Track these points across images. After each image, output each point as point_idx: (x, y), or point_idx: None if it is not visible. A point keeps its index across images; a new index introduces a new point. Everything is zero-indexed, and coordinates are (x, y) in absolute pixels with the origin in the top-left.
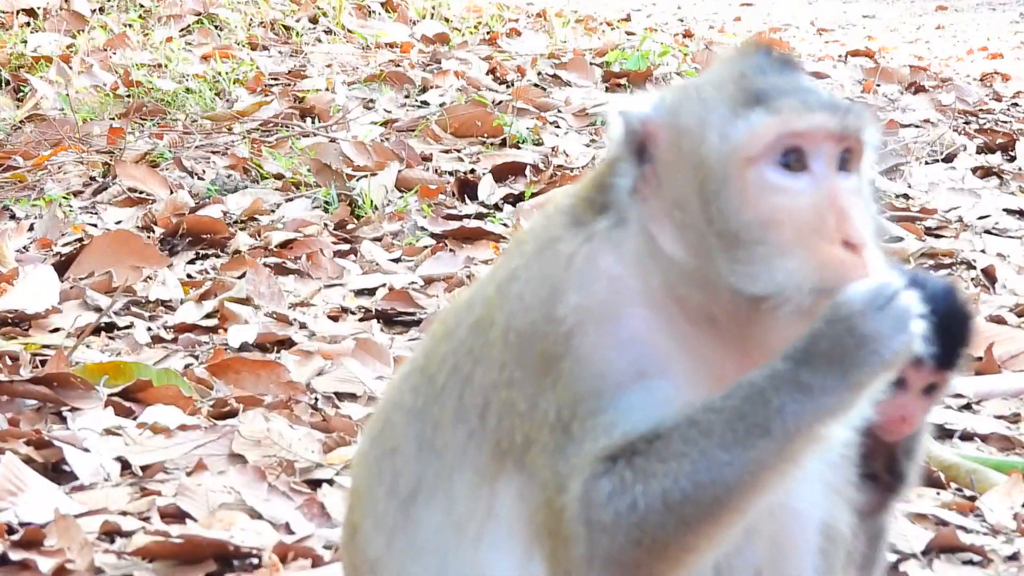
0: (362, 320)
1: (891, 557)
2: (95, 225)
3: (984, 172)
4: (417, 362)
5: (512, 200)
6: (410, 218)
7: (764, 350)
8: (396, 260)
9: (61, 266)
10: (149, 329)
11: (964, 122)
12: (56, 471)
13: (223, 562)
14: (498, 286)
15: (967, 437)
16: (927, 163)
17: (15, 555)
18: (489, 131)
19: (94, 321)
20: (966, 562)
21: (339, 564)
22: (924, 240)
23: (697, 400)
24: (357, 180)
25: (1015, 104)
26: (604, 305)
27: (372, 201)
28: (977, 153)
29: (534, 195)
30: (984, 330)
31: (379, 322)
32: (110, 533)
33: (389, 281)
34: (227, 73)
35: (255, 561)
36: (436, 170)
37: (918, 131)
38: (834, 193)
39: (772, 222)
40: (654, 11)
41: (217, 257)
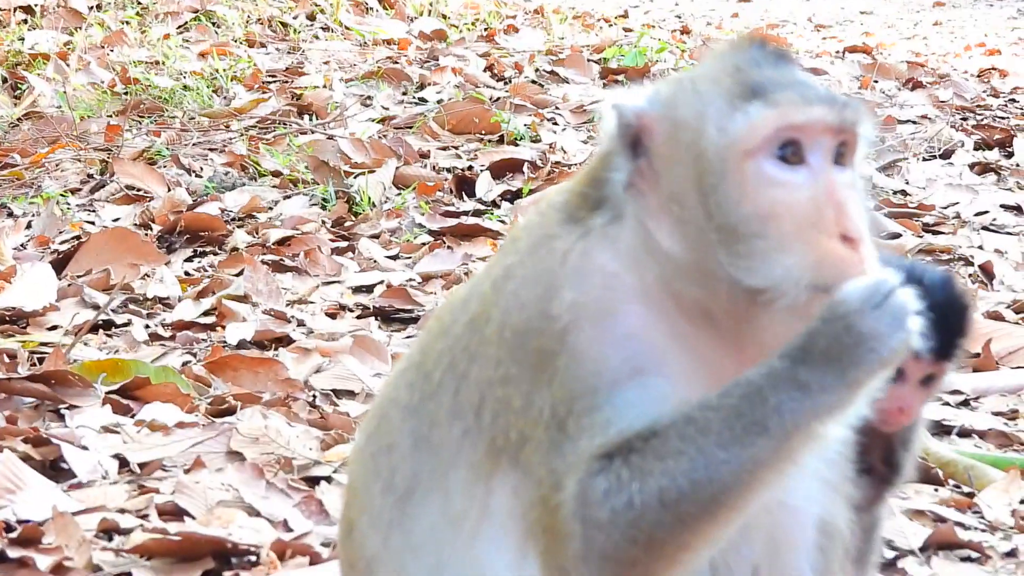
0: (360, 317)
1: (889, 554)
2: (93, 223)
3: (982, 168)
4: (413, 358)
5: (510, 197)
6: (408, 215)
7: (760, 346)
8: (394, 257)
9: (59, 264)
10: (147, 327)
11: (962, 118)
12: (54, 469)
13: (221, 559)
14: (494, 283)
15: (965, 434)
16: (925, 159)
17: (13, 553)
18: (487, 128)
19: (92, 319)
20: (964, 559)
21: (337, 561)
22: (922, 236)
23: (694, 397)
24: (355, 177)
25: (1013, 100)
26: (599, 302)
27: (370, 198)
28: (975, 149)
29: (532, 192)
30: (982, 326)
31: (377, 319)
32: (108, 531)
33: (387, 278)
34: (225, 70)
35: (253, 558)
36: (434, 167)
37: (916, 127)
38: (832, 187)
39: (770, 215)
40: (651, 7)
41: (215, 254)
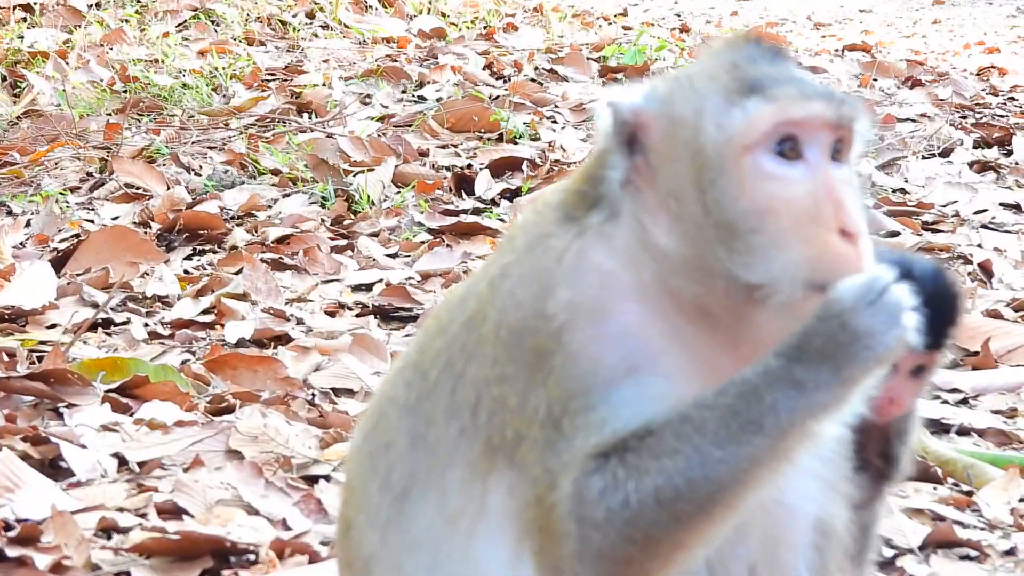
0: (359, 316)
1: (888, 552)
2: (92, 221)
3: (981, 166)
4: (411, 357)
5: (509, 195)
6: (407, 213)
7: (757, 344)
8: (393, 255)
9: (58, 262)
10: (146, 325)
11: (961, 116)
12: (53, 467)
13: (220, 558)
14: (490, 282)
15: (964, 432)
16: (924, 157)
17: (12, 551)
18: (486, 126)
19: (91, 317)
20: (963, 557)
21: (335, 560)
22: (921, 235)
23: (689, 396)
24: (354, 175)
25: (1012, 98)
26: (595, 300)
27: (369, 196)
28: (974, 147)
29: (531, 190)
30: (981, 325)
31: (376, 318)
32: (107, 529)
33: (386, 276)
34: (224, 68)
35: (252, 557)
36: (433, 165)
37: (915, 125)
38: (830, 182)
39: (768, 210)
40: (651, 6)
41: (214, 253)
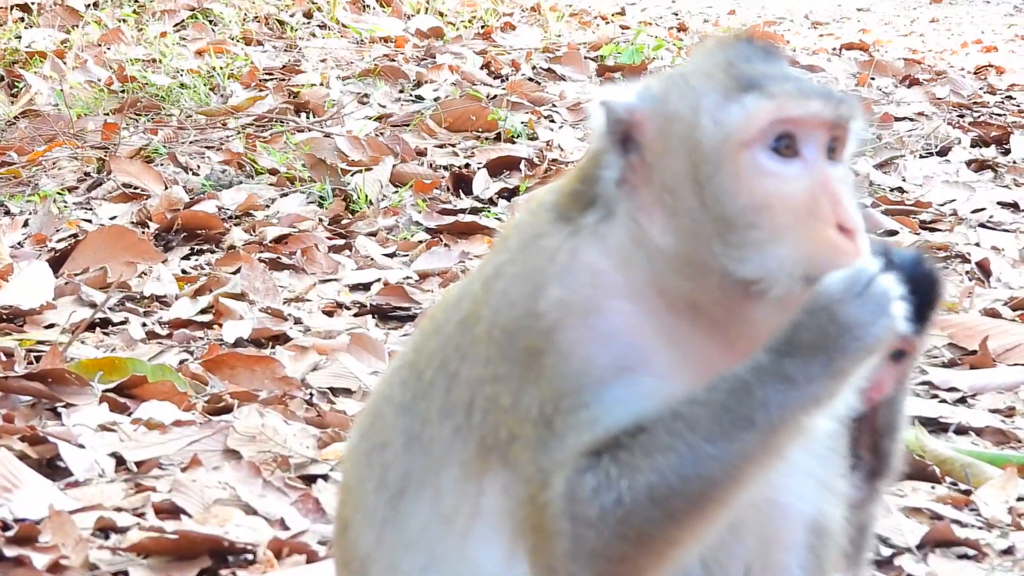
0: (357, 315)
1: (886, 551)
2: (90, 221)
3: (978, 165)
4: (407, 357)
5: (507, 195)
6: (405, 213)
7: (751, 341)
8: (391, 255)
9: (56, 262)
10: (144, 325)
11: (958, 115)
12: (51, 467)
13: (218, 558)
14: (484, 282)
15: (962, 431)
16: (921, 156)
17: (9, 551)
18: (484, 125)
19: (89, 317)
20: (961, 556)
21: (333, 560)
22: (919, 234)
23: (681, 393)
24: (352, 175)
25: (1009, 97)
26: (586, 299)
27: (367, 196)
28: (971, 146)
29: (529, 189)
30: (979, 324)
31: (374, 317)
32: (105, 529)
33: (384, 276)
34: (221, 68)
35: (250, 557)
36: (431, 165)
37: (912, 124)
38: (827, 179)
39: (766, 206)
40: (648, 5)
41: (212, 252)
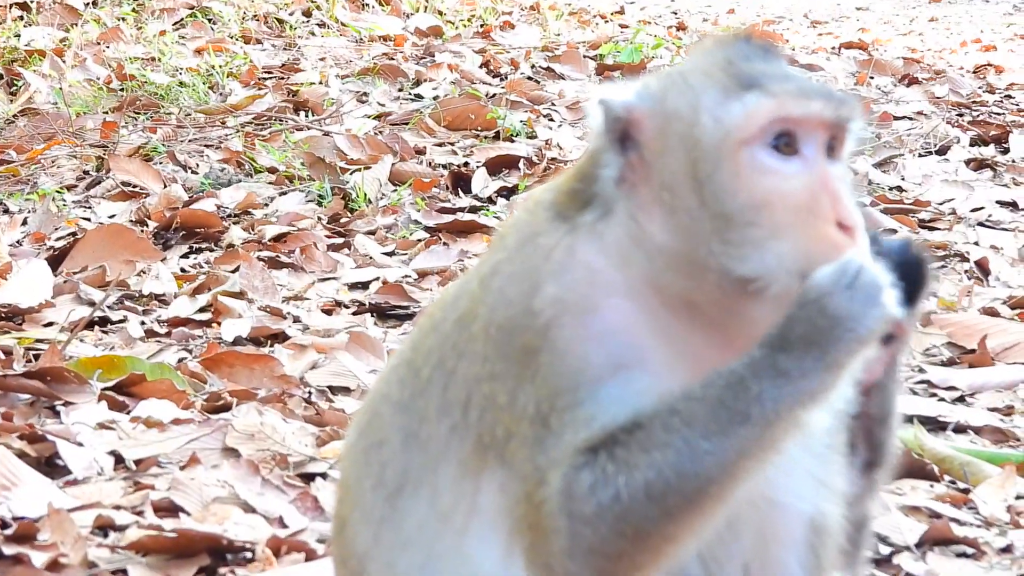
0: (356, 314)
1: (884, 550)
2: (88, 219)
3: (977, 164)
4: (404, 355)
5: (506, 193)
6: (404, 211)
7: (748, 338)
8: (390, 253)
9: (54, 260)
10: (143, 323)
11: (957, 114)
12: (49, 465)
13: (216, 556)
14: (481, 280)
15: (961, 430)
16: (920, 155)
17: (8, 549)
18: (483, 124)
19: (87, 315)
20: (959, 554)
21: (331, 558)
22: (917, 232)
23: (678, 389)
24: (351, 173)
25: (1008, 96)
26: (582, 297)
27: (366, 195)
28: (970, 145)
29: (528, 188)
30: (978, 323)
31: (373, 316)
32: (103, 527)
33: (383, 275)
34: (221, 67)
35: (248, 555)
36: (430, 163)
37: (911, 123)
38: (826, 177)
39: (766, 204)
40: (647, 4)
41: (211, 251)
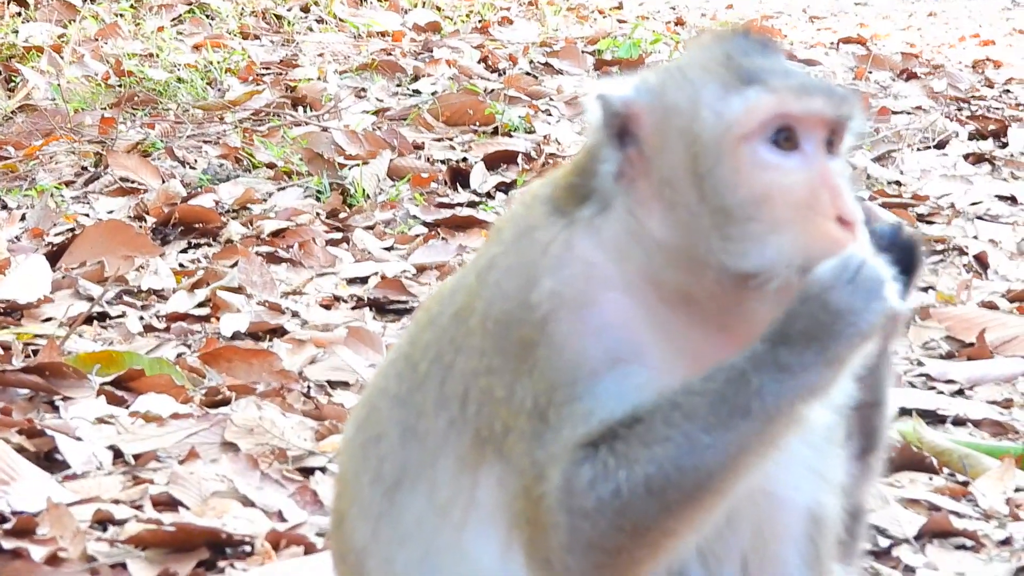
0: (354, 308)
1: (884, 542)
2: (87, 215)
3: (976, 158)
4: (402, 349)
5: (504, 188)
6: (402, 207)
7: (746, 332)
8: (388, 248)
9: (53, 256)
10: (141, 318)
11: (956, 109)
12: (48, 460)
13: (215, 550)
14: (478, 274)
15: (960, 422)
16: (919, 150)
17: (7, 544)
18: (481, 119)
19: (86, 310)
20: (959, 547)
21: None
22: (916, 227)
23: (676, 383)
24: (349, 169)
25: (1007, 90)
26: (579, 291)
27: (364, 190)
28: (969, 139)
29: (526, 183)
30: (976, 316)
31: (371, 310)
32: (103, 521)
33: (381, 269)
34: (219, 62)
35: (247, 549)
36: (428, 159)
37: (910, 118)
38: (826, 172)
39: (766, 199)
40: None
41: (209, 246)
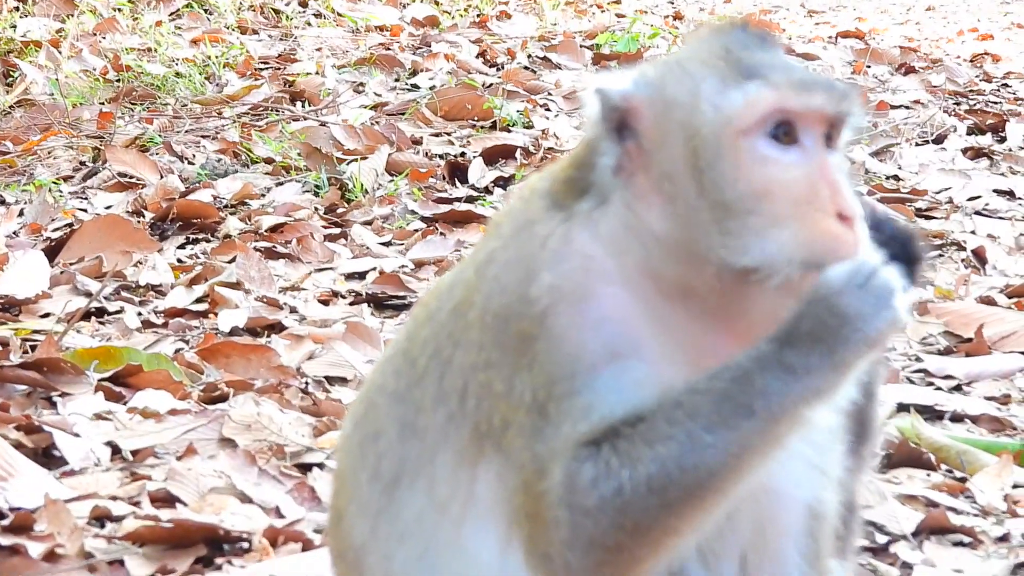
0: (352, 304)
1: (881, 538)
2: (85, 210)
3: (974, 153)
4: (400, 345)
5: (502, 183)
6: (400, 202)
7: (745, 327)
8: (386, 244)
9: (51, 251)
10: (139, 314)
11: (954, 103)
12: (46, 456)
13: (213, 546)
14: (476, 269)
15: (957, 418)
16: (917, 144)
17: (5, 540)
18: (479, 114)
19: (84, 306)
20: (956, 543)
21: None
22: (914, 221)
23: (675, 380)
24: (347, 164)
25: (1005, 85)
26: (577, 285)
27: (362, 185)
28: (967, 134)
29: (524, 178)
30: (974, 311)
31: (369, 306)
32: (100, 518)
33: (379, 265)
34: (217, 57)
35: (245, 545)
36: (426, 153)
37: (908, 112)
38: (825, 167)
39: (766, 193)
40: None
41: (207, 241)
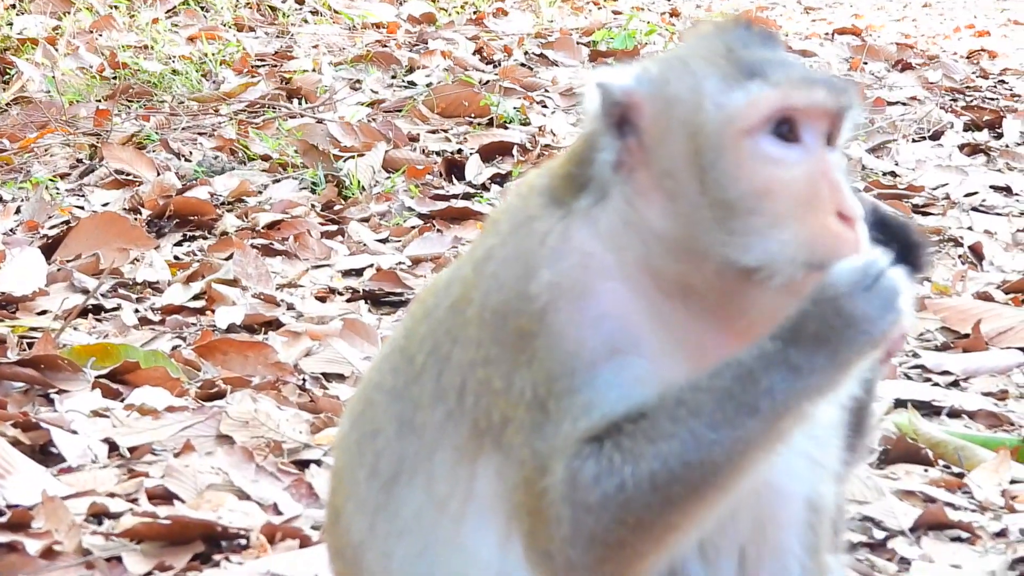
0: (350, 301)
1: (879, 534)
2: (82, 207)
3: (971, 149)
4: (397, 342)
5: (499, 180)
6: (397, 199)
7: (745, 325)
8: (383, 241)
9: (48, 248)
10: (136, 311)
11: (951, 99)
12: (44, 453)
13: (211, 543)
14: (474, 265)
15: (955, 414)
16: (914, 141)
17: (2, 537)
18: (476, 111)
19: (81, 303)
20: (954, 539)
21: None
22: (911, 218)
23: (674, 377)
24: (344, 161)
25: (1002, 81)
26: (577, 282)
27: (359, 182)
28: (964, 130)
29: (521, 175)
30: (972, 307)
31: (367, 303)
32: (98, 515)
33: (376, 262)
34: (213, 54)
35: (243, 542)
36: (423, 150)
37: (905, 109)
38: (826, 166)
39: (767, 192)
40: None
41: (204, 239)
